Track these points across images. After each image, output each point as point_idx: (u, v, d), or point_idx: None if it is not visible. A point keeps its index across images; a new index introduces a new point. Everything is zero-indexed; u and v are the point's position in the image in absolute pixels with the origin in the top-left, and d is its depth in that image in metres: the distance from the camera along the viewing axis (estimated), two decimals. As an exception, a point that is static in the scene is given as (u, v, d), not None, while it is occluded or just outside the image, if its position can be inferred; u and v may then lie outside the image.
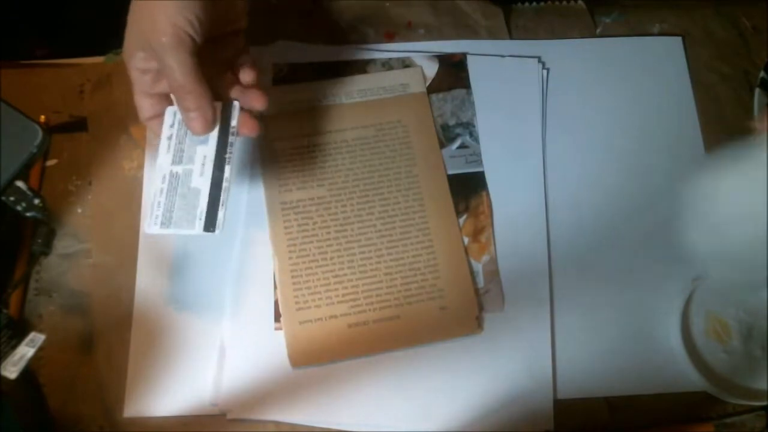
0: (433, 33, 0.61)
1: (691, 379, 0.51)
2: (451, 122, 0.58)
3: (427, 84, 0.59)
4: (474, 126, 0.58)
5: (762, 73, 0.60)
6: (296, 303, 0.52)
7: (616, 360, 0.52)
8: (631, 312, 0.54)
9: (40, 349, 0.47)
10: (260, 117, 0.56)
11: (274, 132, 0.56)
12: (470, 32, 0.61)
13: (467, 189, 0.56)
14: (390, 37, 0.60)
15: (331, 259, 0.53)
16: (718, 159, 0.41)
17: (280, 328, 0.51)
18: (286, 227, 0.54)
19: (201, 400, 0.50)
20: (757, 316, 0.53)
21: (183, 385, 0.50)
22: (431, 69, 0.59)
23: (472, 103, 0.58)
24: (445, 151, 0.57)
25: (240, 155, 0.56)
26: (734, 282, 0.51)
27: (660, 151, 0.58)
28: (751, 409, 0.52)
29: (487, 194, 0.56)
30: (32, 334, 0.47)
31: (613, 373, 0.52)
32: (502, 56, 0.60)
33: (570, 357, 0.52)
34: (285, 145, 0.56)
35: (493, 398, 0.50)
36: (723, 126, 0.60)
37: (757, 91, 0.59)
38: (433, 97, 0.58)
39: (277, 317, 0.52)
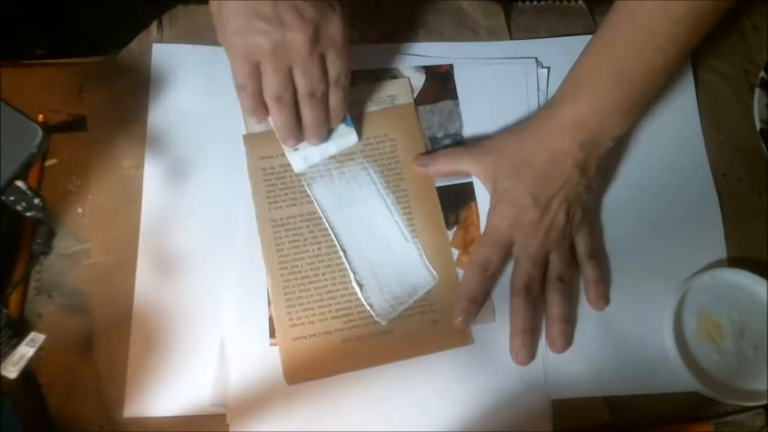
0: (433, 33, 0.61)
1: (684, 380, 0.51)
2: (439, 134, 0.57)
3: (415, 95, 0.58)
4: (462, 137, 0.57)
5: (762, 73, 0.60)
6: (290, 320, 0.51)
7: (613, 361, 0.52)
8: (626, 313, 0.54)
9: (40, 349, 0.47)
10: (248, 135, 0.56)
11: (262, 149, 0.56)
12: (470, 32, 0.61)
13: (456, 200, 0.56)
14: (390, 38, 0.60)
15: (323, 275, 0.53)
16: None
17: (276, 344, 0.51)
18: (276, 244, 0.53)
19: (201, 400, 0.50)
20: (749, 316, 0.53)
21: (183, 385, 0.50)
22: (418, 80, 0.59)
23: (460, 114, 0.58)
24: (434, 177, 0.56)
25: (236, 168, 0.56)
26: None
27: (659, 151, 0.58)
28: (751, 408, 0.52)
29: (476, 205, 0.56)
30: (32, 334, 0.47)
31: (610, 373, 0.52)
32: (497, 61, 0.60)
33: (568, 357, 0.52)
34: (274, 163, 0.55)
35: (487, 405, 0.50)
36: (723, 126, 0.60)
37: (757, 91, 0.59)
38: (421, 108, 0.58)
39: (273, 334, 0.51)
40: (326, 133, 0.53)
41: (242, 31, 0.45)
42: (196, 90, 0.58)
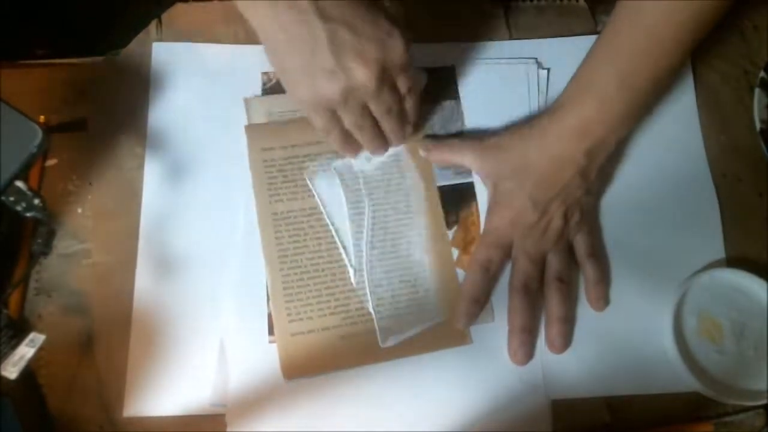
0: (433, 33, 0.61)
1: (684, 380, 0.51)
2: (440, 134, 0.57)
3: None
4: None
5: (762, 73, 0.60)
6: (288, 315, 0.51)
7: (612, 361, 0.52)
8: (626, 313, 0.54)
9: (40, 349, 0.47)
10: (250, 126, 0.56)
11: (263, 141, 0.55)
12: (470, 32, 0.61)
13: (457, 200, 0.56)
14: (390, 37, 0.60)
15: (323, 270, 0.52)
16: None
17: (275, 341, 0.51)
18: (277, 238, 0.53)
19: (201, 400, 0.50)
20: (749, 316, 0.53)
21: (183, 384, 0.50)
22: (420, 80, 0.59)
23: (461, 114, 0.58)
24: (435, 163, 0.56)
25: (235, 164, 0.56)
26: None
27: (659, 152, 0.58)
28: (751, 408, 0.52)
29: (477, 205, 0.56)
30: (32, 334, 0.47)
31: (610, 373, 0.52)
32: (498, 62, 0.59)
33: (567, 357, 0.52)
34: (275, 155, 0.55)
35: (486, 405, 0.50)
36: (723, 126, 0.60)
37: (757, 91, 0.59)
38: (423, 108, 0.57)
39: (271, 330, 0.51)
40: (407, 133, 0.54)
41: (310, 89, 0.46)
42: (196, 89, 0.58)
